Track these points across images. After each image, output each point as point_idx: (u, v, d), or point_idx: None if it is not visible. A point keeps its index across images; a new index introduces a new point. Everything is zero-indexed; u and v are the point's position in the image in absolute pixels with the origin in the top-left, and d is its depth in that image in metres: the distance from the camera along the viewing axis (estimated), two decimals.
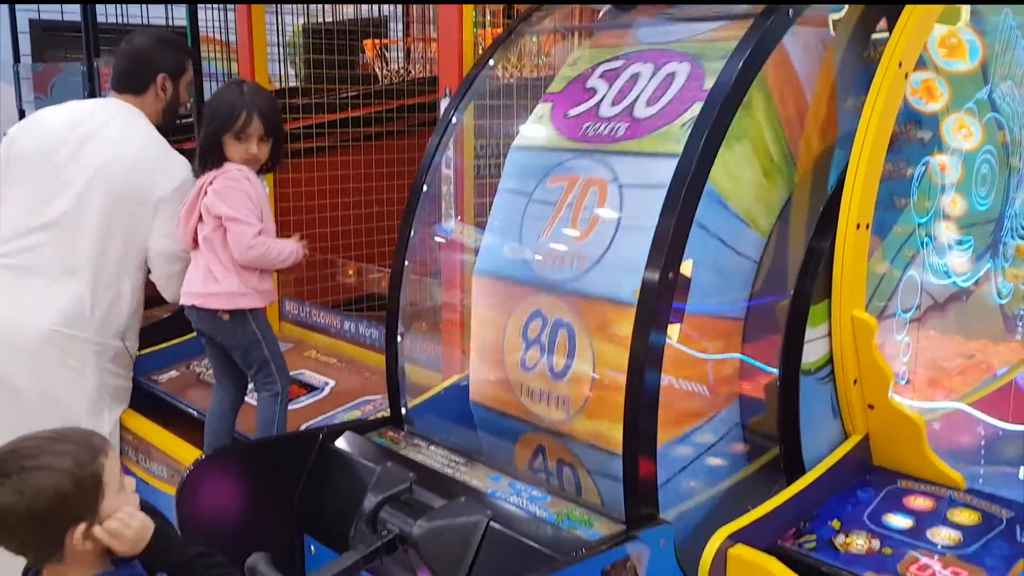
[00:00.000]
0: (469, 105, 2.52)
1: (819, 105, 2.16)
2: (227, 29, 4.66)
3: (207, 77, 4.29)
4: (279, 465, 2.28)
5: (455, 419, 2.37)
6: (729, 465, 2.13)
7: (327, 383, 3.25)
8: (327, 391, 3.19)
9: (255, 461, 2.28)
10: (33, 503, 1.53)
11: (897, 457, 2.09)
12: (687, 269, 1.85)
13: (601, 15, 2.57)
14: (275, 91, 4.28)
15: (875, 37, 2.20)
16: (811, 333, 2.04)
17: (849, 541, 1.86)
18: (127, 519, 1.61)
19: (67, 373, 2.94)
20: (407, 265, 2.44)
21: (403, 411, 2.42)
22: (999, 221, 2.46)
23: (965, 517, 1.91)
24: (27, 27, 6.43)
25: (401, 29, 5.64)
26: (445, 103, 2.74)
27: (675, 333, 1.85)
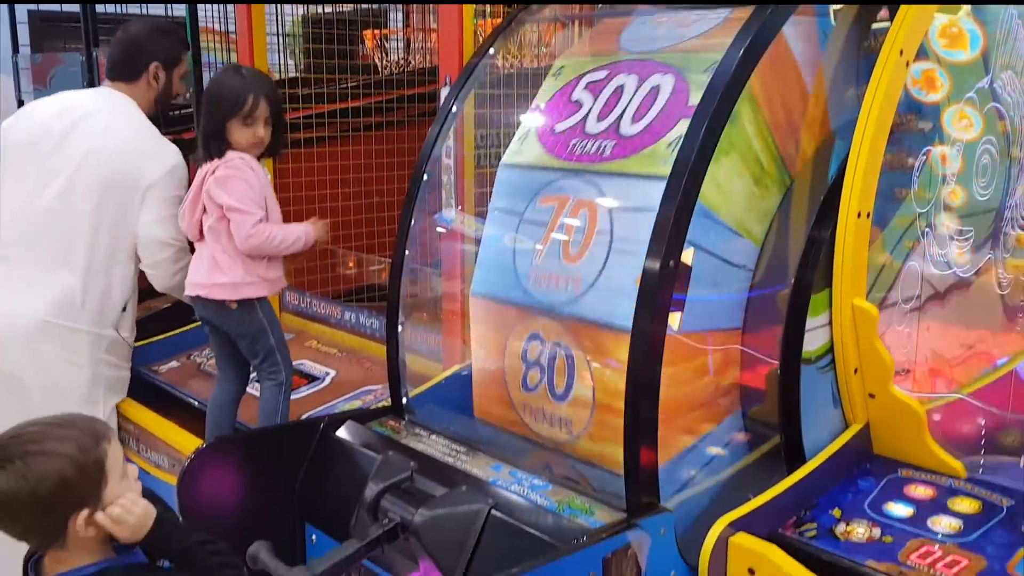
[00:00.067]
0: (469, 94, 2.52)
1: (818, 95, 2.16)
2: (227, 19, 4.65)
3: (206, 67, 4.27)
4: (280, 454, 2.28)
5: (456, 408, 2.37)
6: (730, 455, 2.13)
7: (328, 373, 3.25)
8: (328, 381, 3.20)
9: (256, 450, 2.28)
10: (37, 488, 1.53)
11: (898, 446, 2.10)
12: (688, 258, 1.85)
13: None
14: (275, 81, 4.27)
15: (875, 27, 2.20)
16: (812, 322, 2.04)
17: (850, 529, 1.86)
18: (129, 505, 1.62)
19: (61, 363, 2.93)
20: (408, 254, 2.44)
21: (404, 400, 2.43)
22: (1000, 211, 2.46)
23: (966, 505, 1.91)
24: (26, 17, 6.42)
25: (401, 19, 5.63)
26: (445, 92, 2.73)
27: (676, 321, 1.85)
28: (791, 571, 1.72)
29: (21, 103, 5.64)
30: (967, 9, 2.21)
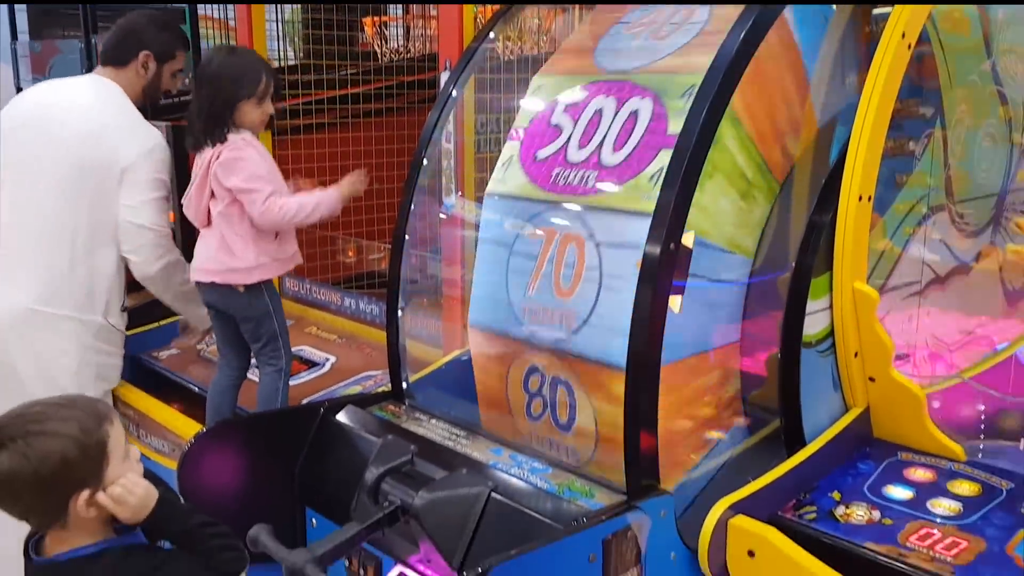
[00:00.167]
0: (469, 79, 2.52)
1: (819, 81, 2.15)
2: (226, 7, 4.64)
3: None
4: (280, 438, 2.28)
5: (456, 393, 2.37)
6: (730, 440, 2.13)
7: (328, 359, 3.25)
8: (328, 367, 3.20)
9: (256, 434, 2.28)
10: (39, 468, 1.53)
11: (897, 429, 2.10)
12: (687, 239, 1.84)
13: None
14: (274, 69, 4.27)
15: (877, 12, 2.19)
16: (812, 306, 2.04)
17: (849, 512, 1.87)
18: (131, 486, 1.62)
19: (50, 351, 2.90)
20: (407, 240, 2.44)
21: (404, 385, 2.43)
22: (1000, 196, 2.45)
23: (965, 488, 1.92)
24: (24, 5, 6.39)
25: (401, 6, 5.61)
26: (445, 77, 2.73)
27: (676, 304, 1.85)
28: (791, 553, 1.73)
29: (20, 91, 5.63)
30: None
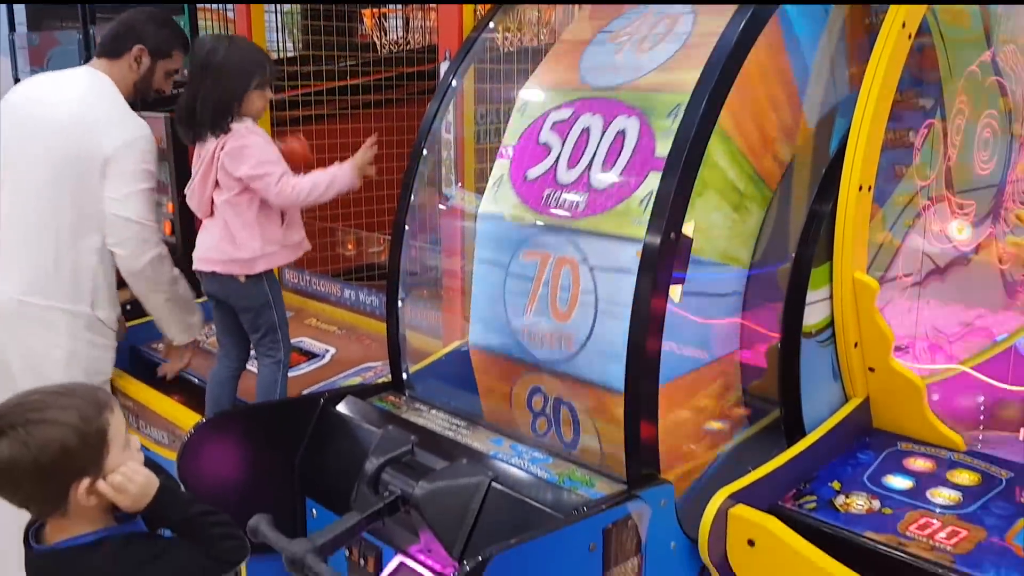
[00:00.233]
0: (469, 69, 2.51)
1: (818, 74, 2.14)
2: None
3: None
4: (280, 429, 2.28)
5: (456, 384, 2.37)
6: (729, 431, 2.14)
7: (327, 350, 3.25)
8: (328, 358, 3.20)
9: (256, 425, 2.28)
10: (39, 456, 1.53)
11: (897, 420, 2.10)
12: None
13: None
14: (273, 60, 4.25)
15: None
16: (812, 296, 2.04)
17: (849, 501, 1.87)
18: (131, 474, 1.62)
19: (39, 343, 2.88)
20: (407, 230, 2.44)
21: (404, 376, 2.43)
22: (1000, 187, 2.46)
23: (965, 478, 1.92)
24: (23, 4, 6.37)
25: None
26: (445, 67, 2.72)
27: (677, 293, 1.85)
28: (791, 542, 1.73)
29: (17, 82, 5.62)
30: None
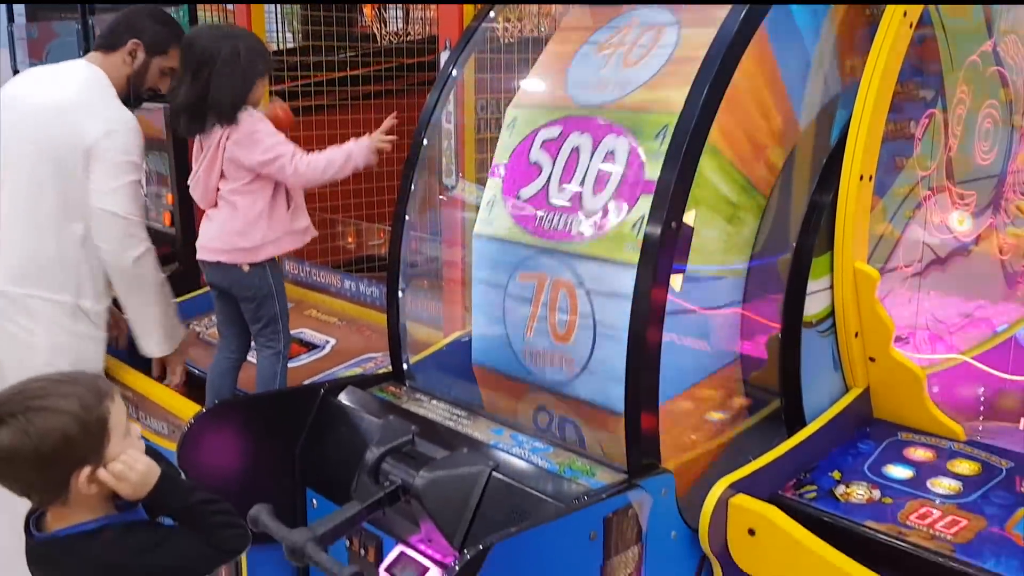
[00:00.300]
0: (470, 58, 2.51)
1: (819, 64, 2.13)
2: None
3: None
4: (280, 419, 2.28)
5: (457, 374, 2.37)
6: (730, 422, 2.14)
7: (328, 341, 3.25)
8: (328, 349, 3.20)
9: (256, 415, 2.28)
10: (39, 445, 1.53)
11: (898, 410, 2.10)
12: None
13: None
14: (273, 52, 4.25)
15: None
16: (813, 285, 2.04)
17: (849, 491, 1.87)
18: (131, 462, 1.61)
19: (21, 333, 2.85)
20: (408, 221, 2.43)
21: (404, 366, 2.43)
22: (1001, 177, 2.45)
23: (965, 467, 1.92)
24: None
25: None
26: (445, 56, 2.72)
27: (678, 283, 1.85)
28: (791, 531, 1.73)
29: (16, 73, 5.61)
30: None
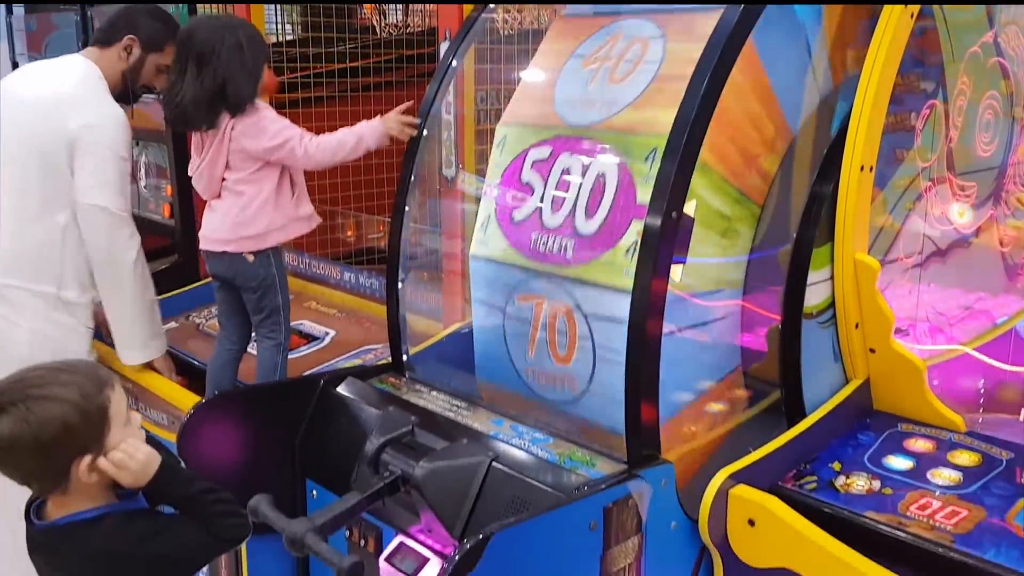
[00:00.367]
0: (469, 49, 2.50)
1: (834, 48, 2.12)
2: None
3: None
4: (280, 410, 2.28)
5: (457, 366, 2.37)
6: (730, 412, 2.14)
7: (327, 333, 3.24)
8: (327, 340, 3.19)
9: (256, 406, 2.28)
10: (39, 433, 1.53)
11: (898, 401, 2.10)
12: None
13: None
14: (272, 44, 4.24)
15: None
16: (813, 276, 2.04)
17: (849, 482, 1.87)
18: (132, 451, 1.61)
19: (1, 322, 2.82)
20: (407, 212, 2.43)
21: (404, 357, 2.42)
22: (1002, 169, 2.45)
23: (965, 458, 1.92)
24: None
25: None
26: (445, 47, 2.71)
27: (678, 274, 1.85)
28: (791, 522, 1.73)
29: (15, 65, 5.59)
30: None
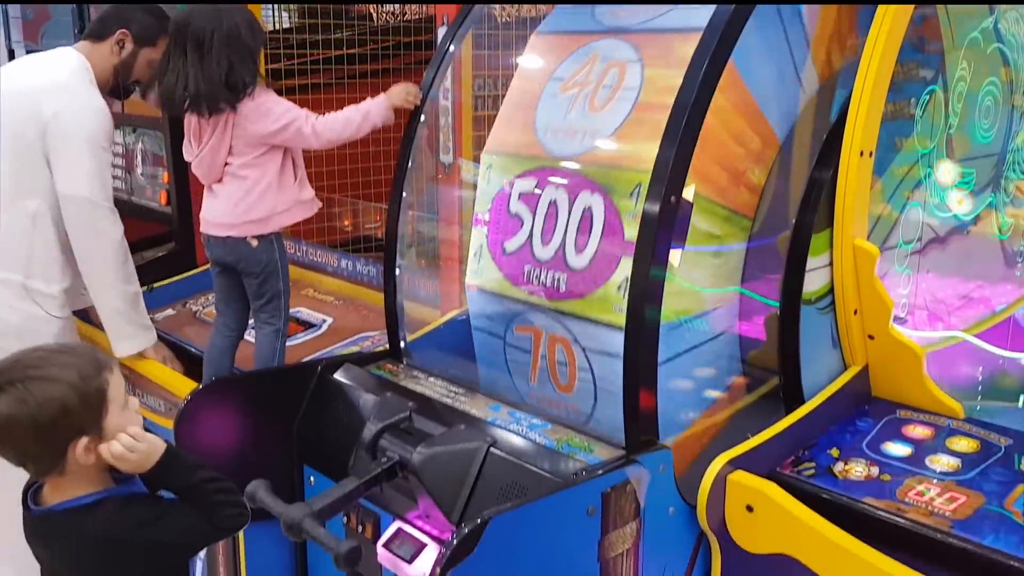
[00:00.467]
0: (467, 35, 2.49)
1: (819, 45, 2.12)
2: None
3: None
4: (278, 396, 2.28)
5: (454, 352, 2.37)
6: (729, 399, 2.13)
7: (325, 320, 3.24)
8: (325, 328, 3.18)
9: (254, 392, 2.28)
10: (37, 413, 1.52)
11: (896, 388, 2.10)
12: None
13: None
14: (269, 31, 4.23)
15: None
16: (812, 262, 2.04)
17: (848, 468, 1.87)
18: (132, 443, 1.60)
19: None
20: (405, 199, 2.42)
21: (402, 344, 2.42)
22: (1001, 156, 2.44)
23: (964, 445, 1.92)
24: None
25: None
26: (443, 32, 2.70)
27: (676, 259, 1.84)
28: (790, 508, 1.73)
29: (12, 52, 5.57)
30: None
